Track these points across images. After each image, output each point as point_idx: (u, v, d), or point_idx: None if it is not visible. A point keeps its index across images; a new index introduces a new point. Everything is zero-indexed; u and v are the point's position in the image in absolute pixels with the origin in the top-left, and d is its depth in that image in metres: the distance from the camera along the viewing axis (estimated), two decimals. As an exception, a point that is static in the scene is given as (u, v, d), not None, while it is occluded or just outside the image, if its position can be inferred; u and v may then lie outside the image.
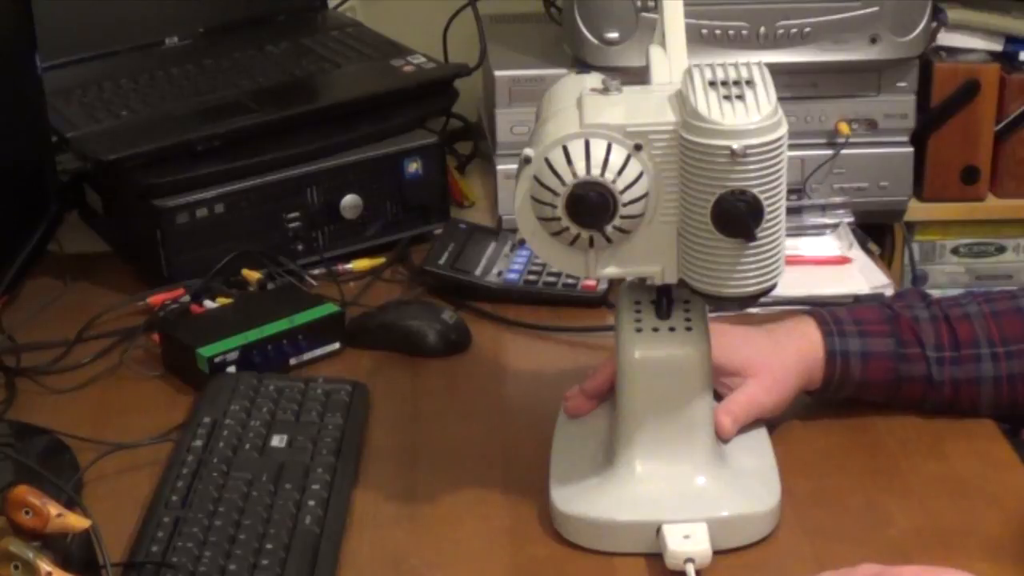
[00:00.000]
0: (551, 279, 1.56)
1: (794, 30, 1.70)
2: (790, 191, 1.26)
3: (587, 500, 1.17)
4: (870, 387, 1.29)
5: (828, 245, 1.65)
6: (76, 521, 1.03)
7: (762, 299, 1.13)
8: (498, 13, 1.94)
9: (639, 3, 1.67)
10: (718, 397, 1.24)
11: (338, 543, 1.15)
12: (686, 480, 1.16)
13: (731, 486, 1.17)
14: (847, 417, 1.32)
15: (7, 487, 1.05)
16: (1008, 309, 1.29)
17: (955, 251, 1.98)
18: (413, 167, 1.66)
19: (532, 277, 1.56)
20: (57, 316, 1.54)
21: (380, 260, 1.64)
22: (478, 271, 1.57)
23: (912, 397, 1.30)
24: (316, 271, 1.60)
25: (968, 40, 1.88)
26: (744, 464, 1.20)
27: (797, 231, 1.66)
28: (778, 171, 1.07)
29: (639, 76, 1.19)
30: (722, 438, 1.21)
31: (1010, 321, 1.29)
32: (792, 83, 1.71)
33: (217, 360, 1.38)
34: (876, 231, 1.83)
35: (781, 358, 1.27)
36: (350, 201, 1.63)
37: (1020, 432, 1.39)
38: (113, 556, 1.09)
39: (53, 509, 1.02)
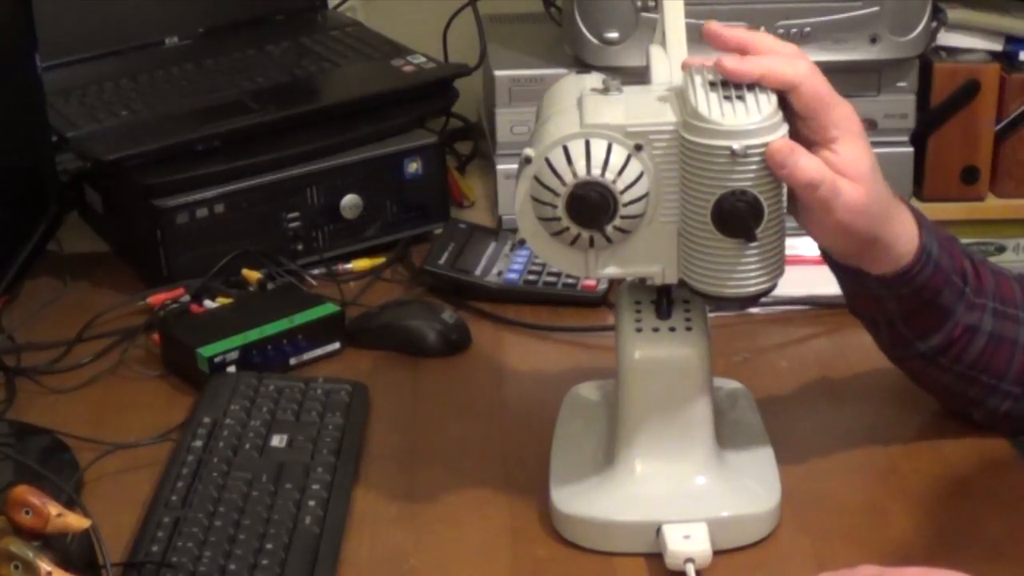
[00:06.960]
0: (551, 279, 1.55)
1: (794, 30, 1.69)
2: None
3: (587, 500, 1.16)
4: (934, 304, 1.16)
5: (828, 245, 1.64)
6: (76, 521, 1.03)
7: (762, 299, 1.13)
8: (498, 13, 1.94)
9: (639, 3, 1.67)
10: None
11: (338, 543, 1.15)
12: (686, 480, 1.16)
13: (731, 486, 1.17)
14: (847, 417, 1.32)
15: (7, 487, 1.05)
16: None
17: (955, 251, 1.97)
18: (413, 167, 1.66)
19: (532, 277, 1.56)
20: (57, 316, 1.54)
21: (380, 260, 1.64)
22: (478, 271, 1.57)
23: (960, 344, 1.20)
24: (316, 271, 1.60)
25: (968, 40, 1.88)
26: (744, 464, 1.20)
27: (797, 231, 1.65)
28: (778, 171, 1.07)
29: (639, 76, 1.19)
30: None
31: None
32: (792, 83, 1.71)
33: (217, 360, 1.38)
34: (876, 231, 1.82)
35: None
36: (350, 201, 1.63)
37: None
38: (113, 556, 1.09)
39: (53, 509, 1.02)
